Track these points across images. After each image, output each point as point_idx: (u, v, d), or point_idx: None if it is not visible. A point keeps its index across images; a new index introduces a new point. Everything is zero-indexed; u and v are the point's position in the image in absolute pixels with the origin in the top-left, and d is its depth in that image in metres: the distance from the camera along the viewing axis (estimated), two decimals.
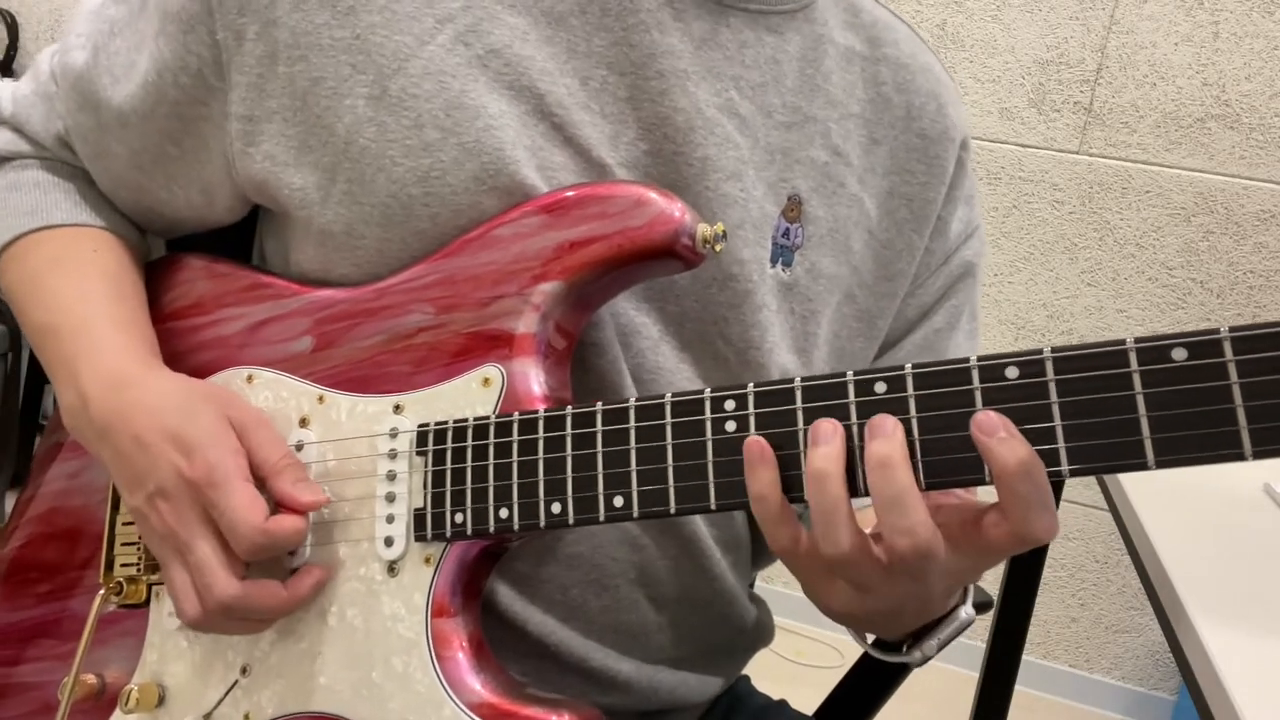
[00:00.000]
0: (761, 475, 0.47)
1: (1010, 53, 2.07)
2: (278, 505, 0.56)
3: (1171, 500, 1.00)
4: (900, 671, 0.90)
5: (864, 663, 0.93)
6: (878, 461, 0.44)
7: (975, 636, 2.27)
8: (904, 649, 0.58)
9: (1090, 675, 2.28)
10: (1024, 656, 1.43)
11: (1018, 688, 1.43)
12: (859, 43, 0.68)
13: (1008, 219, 2.13)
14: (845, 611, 0.51)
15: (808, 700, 0.93)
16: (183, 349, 0.68)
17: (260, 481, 0.56)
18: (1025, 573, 1.37)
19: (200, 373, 0.64)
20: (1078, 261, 2.11)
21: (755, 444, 0.47)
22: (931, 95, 0.70)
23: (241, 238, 0.74)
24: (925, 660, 0.58)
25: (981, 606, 1.00)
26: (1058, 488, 1.38)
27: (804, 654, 2.08)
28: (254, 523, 0.54)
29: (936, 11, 2.10)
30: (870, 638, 0.59)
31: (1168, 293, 2.07)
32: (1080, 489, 2.16)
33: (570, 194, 0.58)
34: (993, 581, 1.40)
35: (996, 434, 0.42)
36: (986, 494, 0.48)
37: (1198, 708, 0.70)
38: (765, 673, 0.91)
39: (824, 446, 0.45)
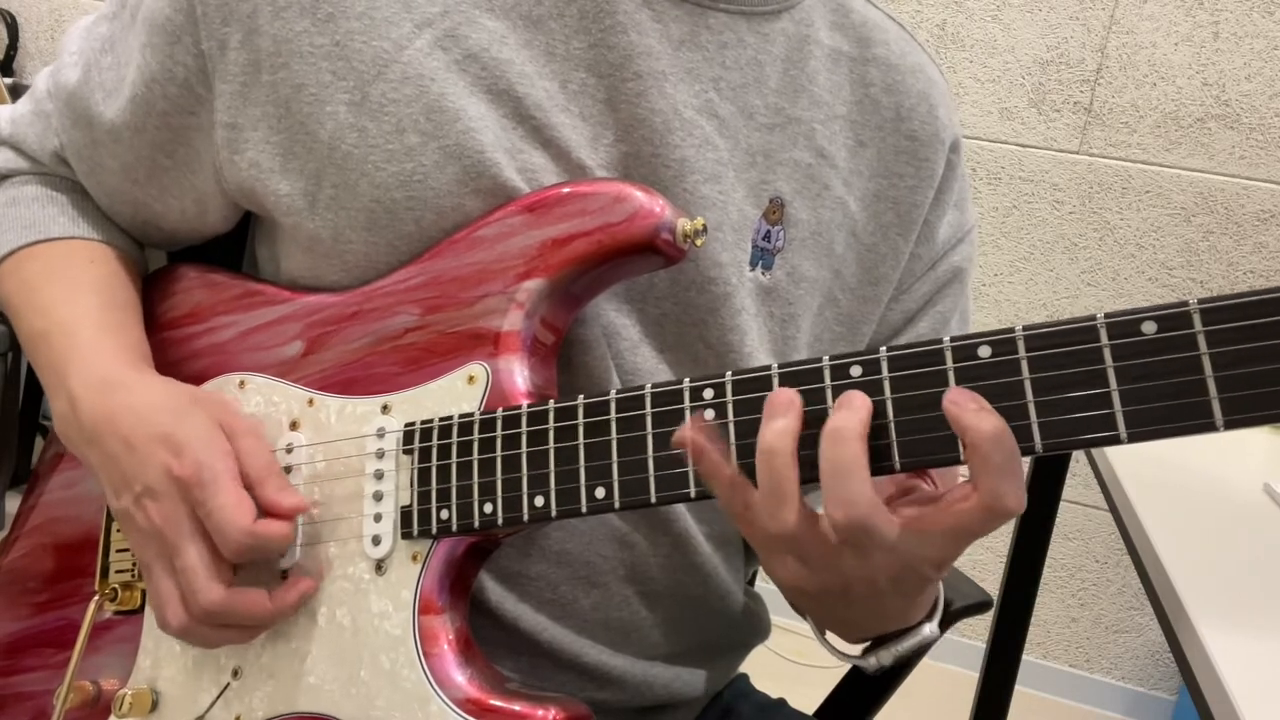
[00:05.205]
0: (708, 456, 0.48)
1: (1010, 53, 2.07)
2: (263, 512, 0.56)
3: (1171, 500, 0.99)
4: (900, 671, 0.90)
5: None
6: (831, 430, 0.44)
7: (975, 636, 2.27)
8: (860, 653, 0.58)
9: (1090, 675, 2.27)
10: (1024, 656, 1.43)
11: (1018, 688, 1.42)
12: (847, 43, 0.68)
13: (1008, 219, 2.13)
14: (793, 585, 0.50)
15: (808, 700, 0.92)
16: (178, 357, 0.68)
17: (246, 489, 0.57)
18: (1025, 573, 1.37)
19: (195, 380, 0.65)
20: (1078, 261, 2.11)
21: (694, 422, 0.48)
22: (922, 96, 0.69)
23: (234, 246, 0.74)
24: (878, 667, 0.57)
25: (981, 606, 1.00)
26: (1056, 479, 1.37)
27: (804, 654, 2.07)
28: (241, 524, 0.54)
29: (936, 11, 2.10)
30: (839, 642, 0.58)
31: (1168, 293, 2.07)
32: (1080, 489, 2.16)
33: (552, 192, 0.58)
34: (993, 581, 1.40)
35: (968, 407, 0.43)
36: None
37: (1198, 708, 0.70)
38: (765, 672, 0.91)
39: (779, 420, 0.46)
